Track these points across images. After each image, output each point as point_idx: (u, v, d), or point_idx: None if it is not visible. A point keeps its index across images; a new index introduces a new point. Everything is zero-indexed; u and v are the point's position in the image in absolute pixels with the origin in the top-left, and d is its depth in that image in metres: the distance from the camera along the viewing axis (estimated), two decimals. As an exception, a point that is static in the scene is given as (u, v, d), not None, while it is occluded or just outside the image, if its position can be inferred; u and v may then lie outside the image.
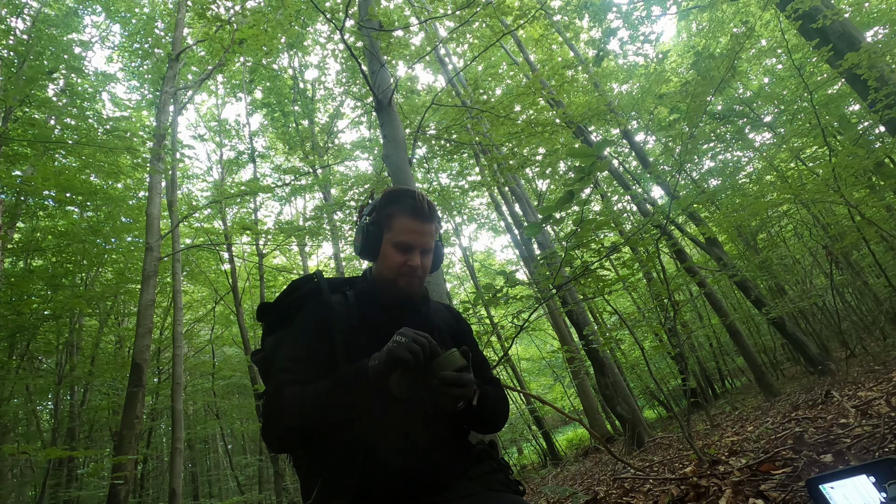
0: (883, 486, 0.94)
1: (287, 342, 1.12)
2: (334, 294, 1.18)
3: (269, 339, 1.21)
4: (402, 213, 1.16)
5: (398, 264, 1.14)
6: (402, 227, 1.15)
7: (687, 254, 7.84)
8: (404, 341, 0.91)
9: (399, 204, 1.17)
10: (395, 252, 1.15)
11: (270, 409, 0.99)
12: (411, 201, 1.16)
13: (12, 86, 5.96)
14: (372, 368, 0.93)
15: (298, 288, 1.18)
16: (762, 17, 9.97)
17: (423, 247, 1.16)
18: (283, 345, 1.13)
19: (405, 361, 0.89)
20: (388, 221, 1.17)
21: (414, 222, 1.15)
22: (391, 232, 1.16)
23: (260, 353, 1.22)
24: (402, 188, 1.20)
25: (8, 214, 7.17)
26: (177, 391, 7.10)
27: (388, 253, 1.16)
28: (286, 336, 1.14)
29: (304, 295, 1.17)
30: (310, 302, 1.15)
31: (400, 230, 1.15)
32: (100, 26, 10.84)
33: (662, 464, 3.30)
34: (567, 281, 3.32)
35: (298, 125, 11.82)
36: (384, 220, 1.18)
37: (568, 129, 7.33)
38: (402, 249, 1.15)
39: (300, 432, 0.97)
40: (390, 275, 1.16)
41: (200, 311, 13.00)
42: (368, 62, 3.89)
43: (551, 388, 18.03)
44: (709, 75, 3.73)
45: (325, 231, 9.61)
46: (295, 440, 0.99)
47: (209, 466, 16.02)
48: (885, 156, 5.77)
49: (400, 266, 1.15)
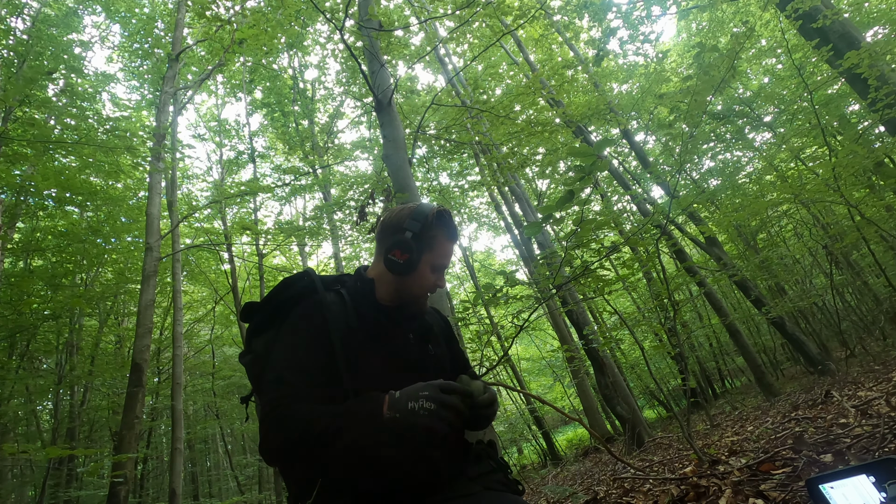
0: (883, 485, 0.94)
1: (282, 344, 1.07)
2: (329, 292, 1.13)
3: (257, 339, 1.14)
4: (444, 237, 1.18)
5: (431, 284, 1.17)
6: (443, 250, 1.18)
7: (687, 254, 7.83)
8: (435, 409, 0.88)
9: (445, 228, 1.19)
10: (430, 273, 1.17)
11: (273, 429, 0.95)
12: (453, 228, 1.20)
13: (12, 86, 5.96)
14: (394, 422, 0.90)
15: (291, 285, 1.13)
16: (762, 17, 9.97)
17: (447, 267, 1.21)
18: (277, 346, 1.07)
19: (443, 434, 0.87)
20: (432, 242, 1.17)
21: (451, 245, 1.20)
22: (431, 253, 1.16)
23: (248, 354, 1.15)
24: (445, 210, 1.20)
25: (8, 214, 7.17)
26: (177, 391, 7.10)
27: (425, 273, 1.16)
28: (280, 337, 1.08)
29: (297, 293, 1.12)
30: (304, 300, 1.10)
31: (440, 253, 1.17)
32: (100, 26, 10.84)
33: (662, 464, 3.30)
34: (567, 281, 3.32)
35: (298, 125, 11.82)
36: (429, 240, 1.17)
37: (568, 129, 7.33)
38: (436, 271, 1.18)
39: (305, 456, 0.95)
40: (420, 293, 1.17)
41: (200, 311, 13.00)
42: (368, 62, 3.89)
43: (551, 388, 18.03)
44: (710, 71, 3.72)
45: (325, 231, 9.62)
46: (299, 460, 0.97)
47: (209, 466, 16.02)
48: (884, 155, 5.77)
49: (432, 286, 1.18)
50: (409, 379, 1.08)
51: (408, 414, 0.89)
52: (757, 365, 7.03)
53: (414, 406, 0.89)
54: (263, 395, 1.03)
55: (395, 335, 1.16)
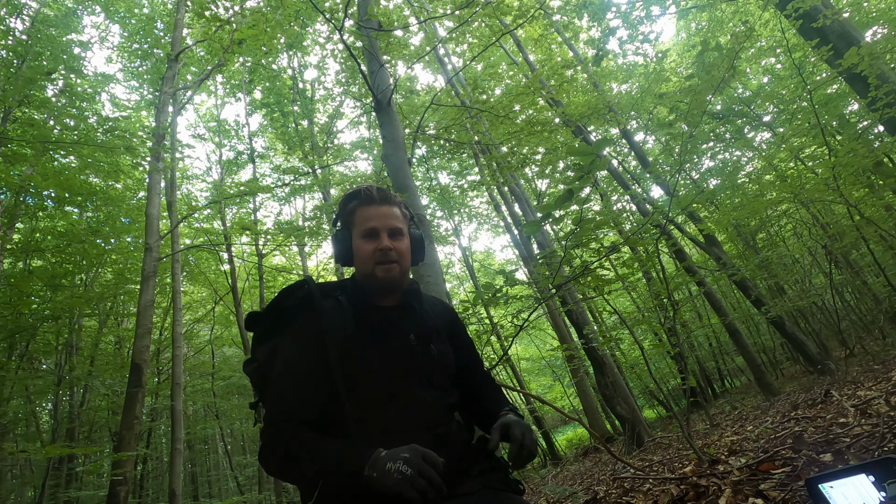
0: (882, 485, 0.94)
1: (281, 357, 1.11)
2: (326, 300, 1.15)
3: (261, 348, 1.18)
4: (360, 205, 1.19)
5: (370, 253, 1.15)
6: (364, 216, 1.17)
7: (686, 253, 7.84)
8: (410, 474, 0.85)
9: (355, 198, 1.20)
10: (364, 243, 1.16)
11: (267, 449, 1.00)
12: (364, 191, 1.19)
13: (11, 86, 5.95)
14: (370, 480, 0.89)
15: (289, 295, 1.15)
16: (762, 17, 9.97)
17: (389, 228, 1.17)
18: (277, 357, 1.11)
19: (412, 501, 0.85)
20: (352, 218, 1.20)
21: (371, 208, 1.18)
22: (356, 226, 1.18)
23: (252, 363, 1.19)
24: (354, 188, 1.23)
25: (7, 215, 7.17)
26: (176, 391, 7.09)
27: (359, 246, 1.17)
28: (280, 349, 1.12)
29: (296, 303, 1.14)
30: (303, 311, 1.12)
31: (362, 220, 1.17)
32: (99, 27, 10.82)
33: (662, 463, 3.31)
34: (567, 281, 3.32)
35: (298, 125, 11.81)
36: (348, 218, 1.21)
37: (567, 129, 7.33)
38: (369, 237, 1.16)
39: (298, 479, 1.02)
40: (367, 267, 1.16)
41: (200, 312, 13.00)
42: (368, 62, 3.88)
43: (551, 388, 18.04)
44: (711, 70, 3.72)
45: (325, 231, 9.61)
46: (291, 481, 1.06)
47: (209, 466, 16.01)
48: (884, 155, 5.77)
49: (372, 254, 1.15)
50: (409, 384, 1.10)
51: (383, 474, 0.87)
52: (756, 364, 7.04)
53: (391, 467, 0.87)
54: (265, 410, 1.09)
55: (395, 338, 1.15)
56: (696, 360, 10.33)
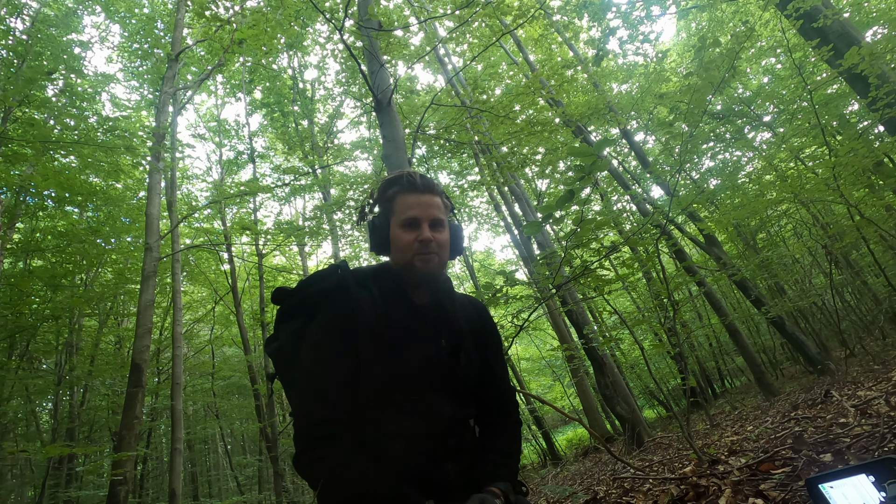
0: (882, 485, 0.94)
1: (312, 346, 1.05)
2: (362, 289, 1.10)
3: (284, 325, 1.13)
4: (401, 192, 1.12)
5: (409, 243, 1.09)
6: (404, 204, 1.11)
7: (686, 253, 7.83)
8: None
9: (396, 184, 1.13)
10: (403, 233, 1.10)
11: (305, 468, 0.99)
12: (407, 177, 1.13)
13: (12, 86, 5.95)
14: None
15: (323, 279, 1.10)
16: (762, 17, 9.97)
17: (431, 218, 1.10)
18: (304, 345, 1.07)
19: None
20: (391, 205, 1.13)
21: (413, 196, 1.11)
22: (395, 214, 1.12)
23: (274, 342, 1.14)
24: (400, 171, 1.16)
25: (7, 214, 7.17)
26: (176, 391, 7.09)
27: (397, 235, 1.10)
28: (308, 336, 1.07)
29: (329, 288, 1.08)
30: (335, 299, 1.07)
31: (403, 208, 1.11)
32: (99, 26, 10.83)
33: (662, 463, 3.31)
34: (567, 281, 3.32)
35: (298, 125, 11.81)
36: (387, 205, 1.14)
37: (567, 129, 7.33)
38: (409, 226, 1.10)
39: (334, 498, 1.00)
40: (405, 258, 1.09)
41: (200, 312, 13.00)
42: (368, 62, 3.88)
43: (551, 388, 18.04)
44: (710, 68, 3.72)
45: (325, 231, 9.62)
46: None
47: (209, 466, 16.00)
48: (884, 155, 5.77)
49: (411, 244, 1.08)
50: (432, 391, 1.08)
51: None
52: (756, 364, 7.04)
53: None
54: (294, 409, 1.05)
55: (425, 342, 1.11)
56: (696, 360, 10.32)
